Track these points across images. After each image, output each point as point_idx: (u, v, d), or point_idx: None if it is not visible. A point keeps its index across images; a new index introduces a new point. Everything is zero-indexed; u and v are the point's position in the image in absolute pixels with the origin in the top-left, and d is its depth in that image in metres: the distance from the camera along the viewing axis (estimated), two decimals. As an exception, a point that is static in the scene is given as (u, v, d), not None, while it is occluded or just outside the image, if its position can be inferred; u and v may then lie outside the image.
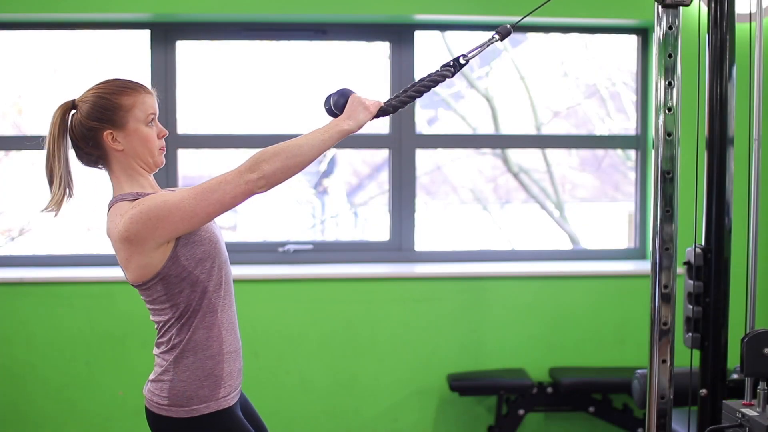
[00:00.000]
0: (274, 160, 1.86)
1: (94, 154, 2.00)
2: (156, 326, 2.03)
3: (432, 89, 2.03)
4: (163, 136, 2.06)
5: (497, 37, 2.05)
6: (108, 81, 2.03)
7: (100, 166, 2.04)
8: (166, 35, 3.97)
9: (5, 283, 3.76)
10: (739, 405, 2.08)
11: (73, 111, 2.01)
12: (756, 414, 2.00)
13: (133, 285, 1.99)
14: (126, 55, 4.16)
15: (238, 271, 3.88)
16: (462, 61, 2.03)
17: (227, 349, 2.04)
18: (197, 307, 1.98)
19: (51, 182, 1.99)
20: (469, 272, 3.96)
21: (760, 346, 2.02)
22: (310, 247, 4.09)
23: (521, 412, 3.77)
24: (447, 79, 2.03)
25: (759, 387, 2.03)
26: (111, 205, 1.99)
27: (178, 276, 1.94)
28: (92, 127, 1.97)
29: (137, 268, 1.93)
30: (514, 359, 3.95)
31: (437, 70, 2.03)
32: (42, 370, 3.77)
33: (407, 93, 2.01)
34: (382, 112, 1.99)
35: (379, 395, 3.91)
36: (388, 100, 2.01)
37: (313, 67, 4.31)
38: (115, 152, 1.99)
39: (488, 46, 2.04)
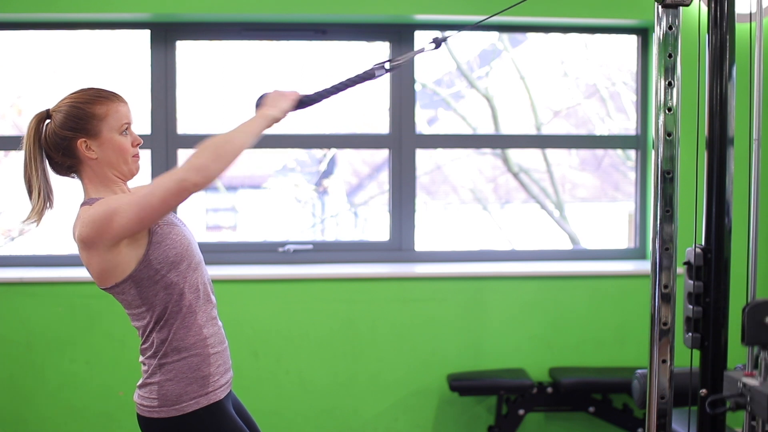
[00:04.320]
0: (203, 153, 1.86)
1: (66, 163, 2.01)
2: (138, 333, 2.04)
3: (356, 85, 2.08)
4: (138, 144, 2.06)
5: (432, 45, 2.10)
6: (82, 90, 2.03)
7: (72, 174, 2.05)
8: (166, 35, 3.97)
9: (5, 283, 3.76)
10: (740, 375, 2.08)
11: (48, 120, 2.01)
12: (757, 383, 2.00)
13: (101, 288, 2.01)
14: (126, 55, 4.16)
15: (238, 271, 3.89)
16: (388, 66, 2.09)
17: (211, 346, 2.04)
18: (175, 309, 1.98)
19: (30, 192, 2.01)
20: (469, 272, 3.96)
21: (761, 315, 2.01)
22: (310, 247, 4.09)
23: (521, 412, 3.77)
24: (371, 80, 2.09)
25: (760, 357, 2.03)
26: (79, 209, 2.00)
27: (151, 279, 1.95)
28: (66, 136, 1.98)
29: (98, 269, 1.96)
30: (514, 359, 3.95)
31: (365, 70, 2.09)
32: (42, 370, 3.77)
33: (328, 88, 2.06)
34: (301, 102, 2.04)
35: (379, 395, 3.91)
36: (307, 94, 2.07)
37: (313, 67, 4.31)
38: (89, 161, 2.00)
39: (419, 54, 2.11)
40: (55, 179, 2.07)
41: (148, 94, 3.95)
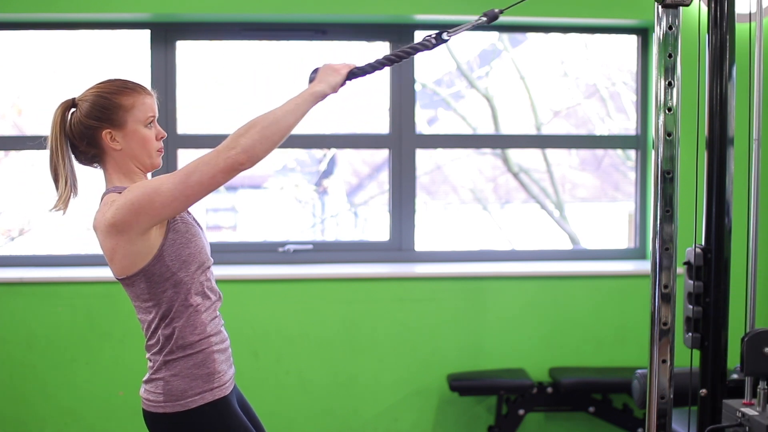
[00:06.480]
0: (251, 133, 1.86)
1: (90, 152, 2.02)
2: (142, 326, 2.04)
3: (409, 57, 2.04)
4: (162, 138, 2.07)
5: (484, 19, 2.03)
6: (109, 81, 2.04)
7: (95, 164, 2.06)
8: (166, 35, 3.97)
9: (5, 283, 3.75)
10: (739, 404, 2.07)
11: (73, 109, 2.02)
12: (756, 413, 2.00)
13: (117, 278, 2.00)
14: (126, 55, 4.16)
15: (238, 271, 3.89)
16: (445, 36, 2.03)
17: (215, 344, 2.05)
18: (181, 308, 1.99)
19: (56, 181, 2.01)
20: (469, 272, 3.96)
21: (761, 345, 2.01)
22: (310, 247, 4.09)
23: (521, 412, 3.77)
24: (426, 51, 2.04)
25: (759, 386, 2.03)
26: (102, 198, 2.00)
27: (162, 275, 1.96)
28: (91, 125, 1.98)
29: (123, 257, 1.94)
30: (514, 359, 3.95)
31: (417, 41, 2.05)
32: (42, 370, 3.77)
33: (381, 59, 2.04)
34: (352, 74, 2.03)
35: (379, 395, 3.91)
36: (359, 65, 2.05)
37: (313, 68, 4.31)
38: (112, 151, 2.00)
39: (473, 26, 2.03)
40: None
41: (148, 94, 3.95)
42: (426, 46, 2.03)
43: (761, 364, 1.99)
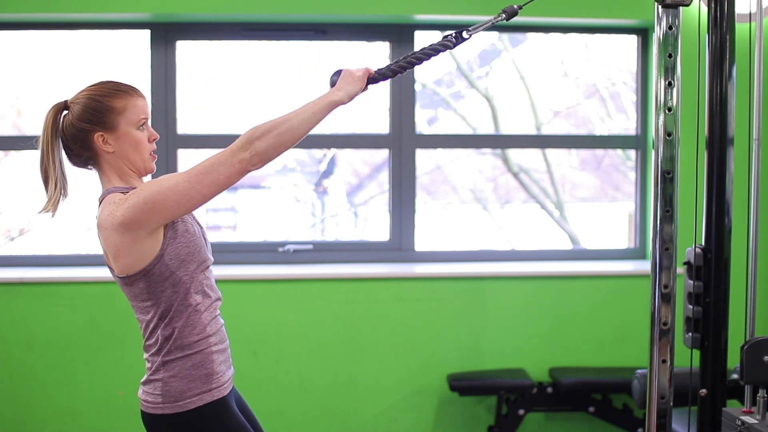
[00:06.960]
0: (265, 138, 1.89)
1: (84, 155, 2.01)
2: (140, 326, 2.04)
3: (430, 58, 2.01)
4: (154, 139, 2.06)
5: (504, 16, 2.03)
6: (100, 83, 2.03)
7: (90, 167, 2.05)
8: (166, 35, 3.97)
9: (5, 283, 3.75)
10: (738, 412, 2.08)
11: (65, 112, 2.02)
12: (756, 421, 2.00)
13: (118, 276, 1.99)
14: (126, 55, 4.16)
15: (238, 271, 3.89)
16: (465, 35, 2.04)
17: (214, 344, 2.04)
18: (180, 308, 1.98)
19: (46, 183, 2.00)
20: (469, 272, 3.96)
21: (760, 353, 2.01)
22: (310, 247, 4.09)
23: (521, 412, 3.77)
24: (447, 50, 2.02)
25: (759, 394, 2.03)
26: (102, 197, 2.00)
27: (161, 275, 1.95)
28: (83, 128, 1.98)
29: (128, 255, 1.93)
30: (514, 359, 3.95)
31: (438, 41, 2.03)
32: (42, 370, 3.77)
33: (402, 61, 2.03)
34: (372, 80, 2.02)
35: (379, 395, 3.91)
36: (380, 68, 2.03)
37: (313, 68, 4.31)
38: (105, 154, 2.00)
39: (493, 23, 2.02)
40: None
41: (148, 94, 3.95)
42: (447, 45, 2.03)
43: (761, 372, 1.99)
